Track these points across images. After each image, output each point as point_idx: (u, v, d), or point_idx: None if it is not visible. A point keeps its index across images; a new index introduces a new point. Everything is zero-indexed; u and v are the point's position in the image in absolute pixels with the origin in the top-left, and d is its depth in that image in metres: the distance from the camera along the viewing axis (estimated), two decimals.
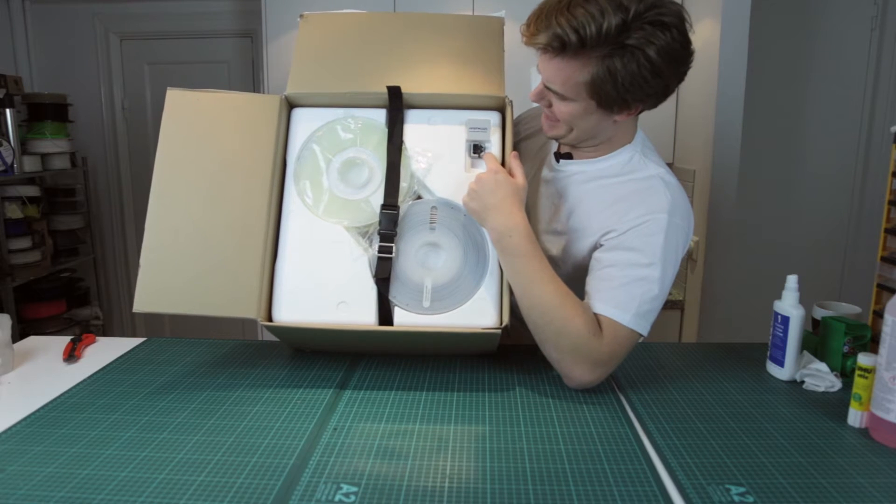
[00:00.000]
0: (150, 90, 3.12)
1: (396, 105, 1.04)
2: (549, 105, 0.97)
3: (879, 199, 2.47)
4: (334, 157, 1.04)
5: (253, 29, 2.94)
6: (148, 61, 3.09)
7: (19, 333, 1.82)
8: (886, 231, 1.07)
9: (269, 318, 0.99)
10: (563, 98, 0.93)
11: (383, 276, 0.98)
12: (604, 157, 1.02)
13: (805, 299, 0.96)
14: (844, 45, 2.47)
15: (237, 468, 0.74)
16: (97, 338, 1.19)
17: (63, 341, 1.15)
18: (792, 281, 0.98)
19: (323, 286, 0.99)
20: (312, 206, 1.02)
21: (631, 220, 0.95)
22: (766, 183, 2.57)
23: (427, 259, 1.00)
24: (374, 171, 1.03)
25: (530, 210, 1.08)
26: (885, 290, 1.06)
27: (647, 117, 1.01)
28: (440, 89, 1.05)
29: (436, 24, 1.11)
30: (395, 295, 0.98)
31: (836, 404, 0.91)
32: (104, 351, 1.13)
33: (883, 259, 1.06)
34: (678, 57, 0.88)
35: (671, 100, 2.11)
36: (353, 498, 0.68)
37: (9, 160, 2.52)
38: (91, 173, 3.07)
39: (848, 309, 1.06)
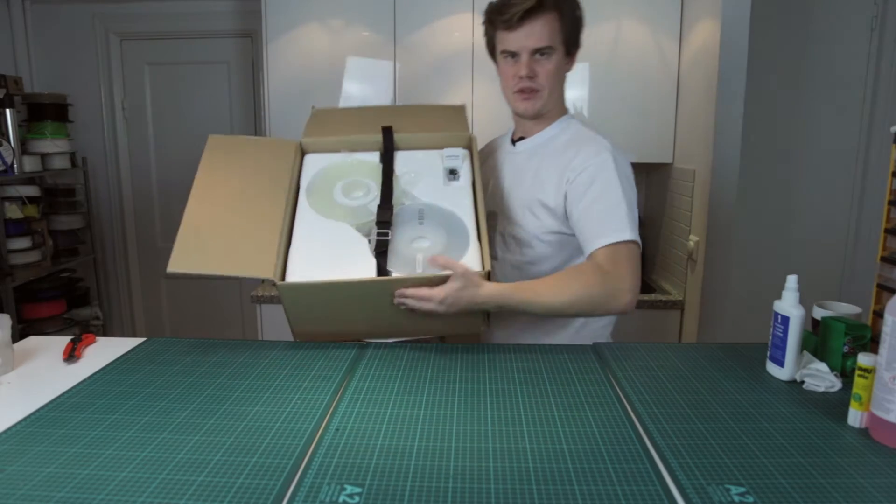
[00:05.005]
0: (150, 90, 3.12)
1: (389, 142, 1.30)
2: (534, 76, 1.19)
3: (879, 199, 2.47)
4: (339, 182, 1.27)
5: (253, 29, 2.94)
6: (148, 61, 3.09)
7: (19, 333, 1.82)
8: (886, 231, 1.07)
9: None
10: (549, 54, 1.19)
11: (381, 250, 1.12)
12: (549, 128, 1.28)
13: (805, 299, 0.96)
14: (844, 45, 2.47)
15: (238, 468, 0.74)
16: (97, 338, 1.20)
17: (63, 341, 1.16)
18: (792, 281, 0.98)
19: (329, 261, 1.13)
20: (321, 211, 1.22)
21: (579, 163, 1.18)
22: (766, 183, 2.57)
23: (418, 246, 1.14)
24: (370, 188, 1.25)
25: (505, 188, 1.30)
26: (885, 290, 1.06)
27: (647, 117, 1.01)
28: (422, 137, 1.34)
29: (414, 109, 1.48)
30: (392, 266, 1.12)
31: (836, 404, 0.91)
32: (104, 351, 1.13)
33: (883, 259, 1.06)
34: None
35: (671, 100, 2.13)
36: (357, 499, 0.68)
37: (9, 160, 2.52)
38: (91, 173, 3.07)
39: (848, 309, 1.06)
